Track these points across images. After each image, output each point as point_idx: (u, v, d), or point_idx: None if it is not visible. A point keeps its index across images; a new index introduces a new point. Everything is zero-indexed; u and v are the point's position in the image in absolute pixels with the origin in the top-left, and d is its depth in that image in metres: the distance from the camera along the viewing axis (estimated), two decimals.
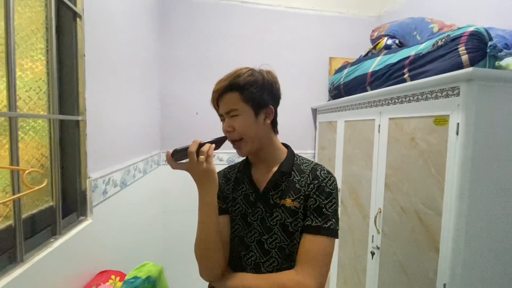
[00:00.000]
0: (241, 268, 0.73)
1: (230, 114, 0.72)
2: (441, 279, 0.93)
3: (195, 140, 0.66)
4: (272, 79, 0.74)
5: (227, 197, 0.78)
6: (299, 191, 0.71)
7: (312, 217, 0.68)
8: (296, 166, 0.76)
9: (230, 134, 0.73)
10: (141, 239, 1.51)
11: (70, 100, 0.86)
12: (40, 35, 0.80)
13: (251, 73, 0.72)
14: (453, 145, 0.90)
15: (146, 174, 1.58)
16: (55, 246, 0.73)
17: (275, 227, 0.71)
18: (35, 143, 0.77)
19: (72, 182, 0.88)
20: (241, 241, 0.74)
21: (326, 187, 0.70)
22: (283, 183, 0.73)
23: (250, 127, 0.71)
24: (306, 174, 0.74)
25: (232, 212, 0.76)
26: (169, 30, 1.98)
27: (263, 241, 0.72)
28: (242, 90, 0.70)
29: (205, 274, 0.71)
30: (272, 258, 0.71)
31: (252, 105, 0.70)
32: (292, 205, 0.70)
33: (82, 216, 0.91)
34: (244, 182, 0.78)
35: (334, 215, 0.69)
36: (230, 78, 0.71)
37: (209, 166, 0.65)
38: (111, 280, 0.90)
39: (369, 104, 1.41)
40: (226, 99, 0.71)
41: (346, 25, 2.19)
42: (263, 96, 0.72)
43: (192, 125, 2.03)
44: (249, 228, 0.73)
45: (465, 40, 0.96)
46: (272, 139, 0.77)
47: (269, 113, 0.74)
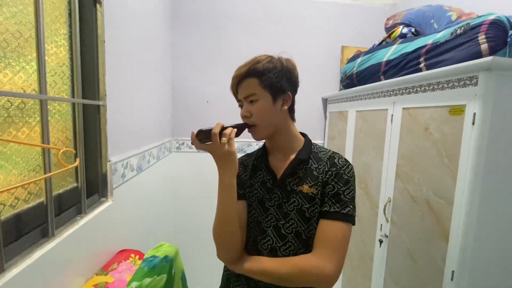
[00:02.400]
0: (257, 252, 0.75)
1: (249, 99, 0.73)
2: (449, 266, 0.95)
3: (218, 123, 0.67)
4: (290, 66, 0.75)
5: (245, 183, 0.80)
6: (317, 178, 0.73)
7: (330, 203, 0.69)
8: (314, 154, 0.77)
9: (247, 120, 0.75)
10: (155, 222, 1.56)
11: (92, 86, 0.89)
12: (63, 20, 0.82)
13: (270, 60, 0.73)
14: (469, 135, 0.90)
15: (159, 160, 1.62)
16: (81, 223, 0.77)
17: (292, 212, 0.72)
18: (60, 126, 0.80)
19: (94, 165, 0.92)
20: (257, 226, 0.76)
21: (344, 174, 0.71)
22: (300, 171, 0.74)
23: (267, 113, 0.73)
24: (323, 161, 0.75)
25: (249, 198, 0.78)
26: (180, 17, 1.97)
27: (280, 226, 0.73)
28: (261, 76, 0.71)
29: (222, 255, 0.73)
30: (288, 242, 0.72)
31: (270, 91, 0.72)
32: (309, 191, 0.72)
33: (103, 198, 0.95)
34: (262, 169, 0.79)
35: (352, 202, 0.70)
36: (250, 65, 0.73)
37: (230, 148, 0.66)
38: (131, 258, 0.95)
39: (382, 94, 1.40)
40: (245, 85, 0.73)
41: (359, 13, 2.14)
42: (281, 83, 0.73)
43: (203, 113, 2.05)
44: (266, 213, 0.75)
45: (485, 28, 0.94)
46: (289, 126, 0.78)
47: (286, 100, 0.75)
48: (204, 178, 2.08)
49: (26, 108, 0.65)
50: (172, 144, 2.03)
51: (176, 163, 2.03)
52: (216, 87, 2.05)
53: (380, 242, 1.34)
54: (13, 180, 0.62)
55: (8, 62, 0.61)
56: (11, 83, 0.61)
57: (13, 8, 0.61)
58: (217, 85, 2.05)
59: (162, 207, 1.74)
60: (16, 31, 0.62)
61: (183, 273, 1.14)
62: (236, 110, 2.26)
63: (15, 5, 0.62)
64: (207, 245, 2.11)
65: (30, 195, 0.66)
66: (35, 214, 0.66)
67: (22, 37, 0.63)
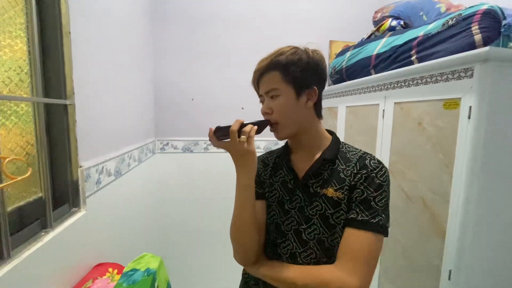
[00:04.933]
0: (276, 256, 0.70)
1: (270, 94, 0.67)
2: (446, 265, 0.92)
3: (237, 120, 0.62)
4: (318, 58, 0.67)
5: (264, 182, 0.75)
6: (344, 181, 0.65)
7: (358, 210, 0.61)
8: (341, 154, 0.69)
9: (268, 117, 0.69)
10: (139, 230, 1.47)
11: (56, 83, 0.79)
12: (19, 8, 0.71)
13: (294, 51, 0.66)
14: (464, 130, 0.86)
15: (141, 162, 1.52)
16: (46, 240, 0.68)
17: (314, 217, 0.66)
18: (18, 129, 0.70)
19: (63, 171, 0.82)
20: (277, 229, 0.70)
21: (376, 178, 0.63)
22: (325, 172, 0.67)
23: (289, 109, 0.66)
24: (352, 163, 0.67)
25: (268, 198, 0.73)
26: (162, 12, 1.86)
27: (301, 230, 0.67)
28: (284, 69, 0.64)
29: (239, 258, 0.69)
30: (310, 249, 0.66)
31: (294, 86, 0.65)
32: (334, 195, 0.64)
33: (74, 208, 0.85)
34: (283, 168, 0.73)
35: (384, 210, 0.62)
36: (272, 57, 0.66)
37: (250, 147, 0.61)
38: (108, 273, 0.86)
39: (373, 89, 1.36)
40: (267, 79, 0.67)
41: (346, 6, 2.10)
42: (307, 76, 0.66)
43: (188, 111, 1.96)
44: (286, 216, 0.69)
45: (478, 18, 0.91)
46: (314, 123, 0.71)
47: (312, 95, 0.67)
48: (192, 180, 2.00)
49: None
50: (155, 145, 1.93)
51: (160, 165, 1.93)
52: (201, 84, 1.96)
53: None
54: None
55: None
56: None
57: None
58: (202, 82, 1.96)
59: (147, 212, 1.64)
60: None
61: (169, 283, 1.06)
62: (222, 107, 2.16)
63: None
64: (199, 249, 2.04)
65: None
66: None
67: None
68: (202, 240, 2.05)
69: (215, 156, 2.01)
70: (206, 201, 2.01)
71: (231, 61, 1.96)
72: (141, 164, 1.52)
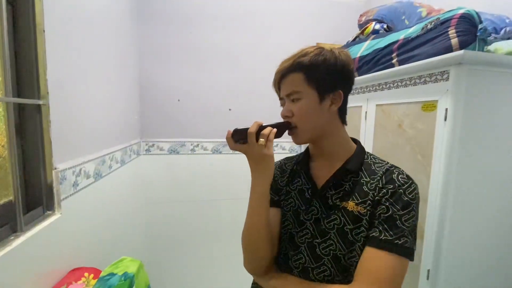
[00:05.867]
0: (287, 269, 0.66)
1: (291, 97, 0.63)
2: (425, 265, 0.94)
3: (256, 121, 0.59)
4: (344, 59, 0.63)
5: (281, 190, 0.71)
6: (367, 195, 0.59)
7: (381, 228, 0.56)
8: (366, 165, 0.64)
9: (288, 120, 0.65)
10: (121, 233, 1.44)
11: (29, 82, 0.77)
12: None
13: (319, 52, 0.61)
14: (441, 131, 0.88)
15: (124, 164, 1.50)
16: (15, 244, 0.65)
17: (331, 231, 0.61)
18: None
19: (36, 173, 0.80)
20: (290, 240, 0.67)
21: (404, 195, 0.57)
22: (347, 183, 0.62)
23: (311, 114, 0.62)
24: (378, 176, 0.61)
25: (284, 206, 0.69)
26: (147, 11, 1.84)
27: (315, 244, 0.62)
28: (308, 70, 0.60)
29: (249, 266, 0.66)
30: (323, 266, 0.61)
31: (318, 88, 0.61)
32: (355, 209, 0.59)
33: (48, 211, 0.83)
34: (301, 176, 0.70)
35: (412, 232, 0.56)
36: (295, 57, 0.62)
37: (268, 151, 0.58)
38: (84, 278, 0.84)
39: (356, 91, 1.37)
40: (289, 80, 0.63)
41: (334, 9, 2.13)
42: (332, 79, 0.61)
43: (174, 112, 1.94)
44: (300, 227, 0.65)
45: (455, 22, 0.93)
46: (338, 129, 0.66)
47: (336, 99, 0.62)
48: (178, 182, 1.97)
49: None
50: (140, 147, 1.90)
51: (145, 167, 1.90)
52: (188, 85, 1.94)
53: None
54: None
55: None
56: None
57: None
58: (189, 82, 1.94)
59: (130, 215, 1.61)
60: None
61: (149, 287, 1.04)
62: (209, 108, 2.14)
63: None
64: (184, 252, 2.01)
65: None
66: None
67: None
68: (188, 243, 2.02)
69: (202, 158, 1.99)
70: (192, 203, 1.99)
71: (218, 61, 1.95)
72: (124, 166, 1.49)
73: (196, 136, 1.96)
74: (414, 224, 0.57)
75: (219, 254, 1.98)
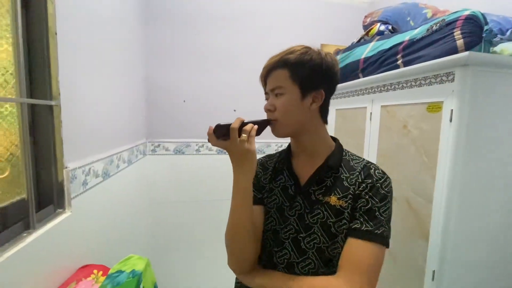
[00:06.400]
0: (272, 265, 0.67)
1: (275, 91, 0.66)
2: (430, 266, 0.94)
3: (238, 118, 0.60)
4: (330, 61, 0.65)
5: (264, 187, 0.72)
6: (347, 190, 0.63)
7: (362, 220, 0.60)
8: (345, 162, 0.68)
9: (270, 114, 0.67)
10: (128, 231, 1.46)
11: (42, 83, 0.79)
12: (4, 9, 0.71)
13: (306, 51, 0.64)
14: (446, 132, 0.88)
15: (131, 164, 1.52)
16: (28, 241, 0.67)
17: (315, 225, 0.63)
18: (2, 130, 0.70)
19: (48, 172, 0.82)
20: (274, 236, 0.68)
21: (381, 189, 0.62)
22: (328, 179, 0.65)
23: (292, 109, 0.65)
24: (356, 171, 0.65)
25: (267, 204, 0.70)
26: (154, 13, 1.87)
27: (300, 239, 0.64)
28: (293, 67, 0.63)
29: (233, 265, 0.66)
30: (308, 259, 0.64)
31: (300, 86, 0.63)
32: (337, 203, 0.63)
33: (59, 209, 0.85)
34: (284, 173, 0.71)
35: (388, 222, 0.61)
36: (283, 54, 0.65)
37: (250, 146, 0.59)
38: (93, 275, 0.86)
39: (361, 92, 1.38)
40: (274, 76, 0.66)
41: (338, 10, 2.14)
42: (315, 78, 0.64)
43: (179, 113, 1.96)
44: (285, 223, 0.67)
45: (461, 24, 0.93)
46: (318, 127, 0.68)
47: (318, 97, 0.65)
48: (183, 182, 1.99)
49: None
50: (146, 147, 1.92)
51: (151, 167, 1.92)
52: (193, 86, 1.96)
53: None
54: None
55: None
56: None
57: None
58: (194, 83, 1.96)
59: (136, 214, 1.63)
60: None
61: (155, 285, 1.06)
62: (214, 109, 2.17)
63: None
64: (189, 252, 2.03)
65: None
66: None
67: None
68: (192, 243, 2.04)
69: (207, 158, 2.01)
70: (197, 203, 2.01)
71: (222, 62, 1.97)
72: (130, 165, 1.51)
73: (201, 137, 1.98)
74: (390, 215, 0.62)
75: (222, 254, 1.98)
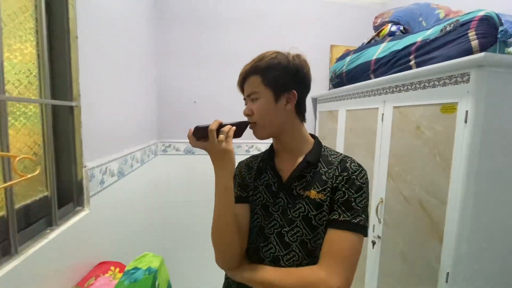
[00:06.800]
0: (259, 260, 0.70)
1: (251, 97, 0.70)
2: (444, 268, 0.93)
3: (216, 120, 0.64)
4: (298, 62, 0.70)
5: (248, 186, 0.75)
6: (326, 183, 0.67)
7: (340, 211, 0.64)
8: (323, 157, 0.72)
9: (249, 118, 0.71)
10: (140, 230, 1.49)
11: (63, 85, 0.82)
12: (28, 13, 0.74)
13: (274, 56, 0.68)
14: (461, 134, 0.88)
15: (143, 164, 1.55)
16: (51, 237, 0.70)
17: (297, 219, 0.67)
18: (26, 130, 0.72)
19: (68, 171, 0.84)
20: (260, 232, 0.71)
21: (357, 180, 0.65)
22: (308, 174, 0.69)
23: (268, 111, 0.69)
24: (334, 166, 0.69)
25: (252, 202, 0.74)
26: (165, 15, 1.90)
27: (284, 233, 0.68)
28: (263, 73, 0.68)
29: (221, 262, 0.69)
30: (292, 252, 0.67)
31: (273, 89, 0.67)
32: (317, 197, 0.66)
33: (78, 207, 0.87)
34: (267, 171, 0.75)
35: (364, 211, 0.64)
36: (254, 62, 0.70)
37: (228, 146, 0.62)
38: (110, 272, 0.88)
39: (372, 93, 1.38)
40: (249, 82, 0.70)
41: (348, 11, 2.13)
42: (285, 80, 0.68)
43: (190, 114, 1.99)
44: (269, 219, 0.70)
45: (475, 25, 0.93)
46: (296, 126, 0.73)
47: (291, 98, 0.69)
48: (192, 182, 2.01)
49: None
50: (158, 147, 1.95)
51: (162, 167, 1.95)
52: (204, 87, 1.98)
53: (373, 243, 1.31)
54: None
55: None
56: None
57: None
58: (205, 84, 1.98)
59: (148, 213, 1.66)
60: None
61: (169, 283, 1.08)
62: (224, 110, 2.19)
63: None
64: (199, 251, 2.05)
65: None
66: None
67: None
68: (202, 242, 2.05)
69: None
70: (207, 203, 2.02)
71: (233, 64, 1.98)
72: (143, 165, 1.54)
73: None
74: (366, 204, 0.65)
75: None
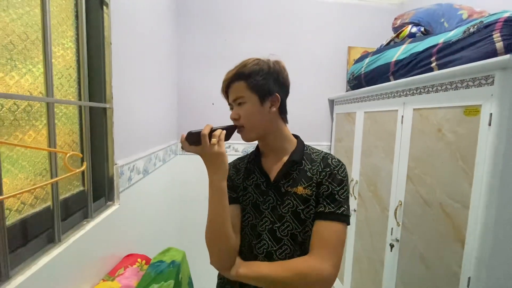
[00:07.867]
0: (252, 257, 0.73)
1: (237, 102, 0.74)
2: (465, 272, 0.92)
3: (207, 124, 0.67)
4: (278, 68, 0.75)
5: (238, 187, 0.79)
6: (311, 179, 0.72)
7: (325, 203, 0.69)
8: (307, 155, 0.77)
9: (236, 122, 0.75)
10: (161, 226, 1.55)
11: (98, 88, 0.88)
12: (69, 22, 0.81)
13: (256, 63, 0.73)
14: (485, 137, 0.87)
15: (165, 163, 1.61)
16: (88, 228, 0.76)
17: (287, 215, 0.72)
18: (67, 129, 0.79)
19: (101, 168, 0.91)
20: (252, 230, 0.75)
21: (338, 175, 0.71)
22: (294, 172, 0.74)
23: (255, 115, 0.73)
24: (317, 162, 0.75)
25: (243, 202, 0.77)
26: (185, 19, 1.97)
27: (275, 229, 0.72)
28: (248, 78, 0.72)
29: (215, 262, 0.70)
30: (284, 245, 0.72)
31: (257, 93, 0.72)
32: (303, 192, 0.71)
33: (109, 201, 0.93)
34: (255, 171, 0.79)
35: (346, 202, 0.70)
36: (237, 68, 0.74)
37: (220, 149, 0.66)
38: (137, 263, 0.93)
39: (391, 95, 1.37)
40: (234, 88, 0.74)
41: (366, 13, 2.12)
42: (268, 84, 0.72)
43: (208, 115, 2.04)
44: (260, 216, 0.74)
45: (500, 26, 0.91)
46: (280, 127, 0.77)
47: (274, 101, 0.74)
48: None
49: (33, 111, 0.64)
50: (177, 147, 2.02)
51: (181, 166, 2.02)
52: None
53: (391, 246, 1.31)
54: (19, 184, 0.61)
55: (14, 64, 0.60)
56: (18, 86, 0.60)
57: (19, 10, 0.61)
58: None
59: (168, 210, 1.73)
60: (23, 33, 0.61)
61: (190, 277, 1.12)
62: None
63: (21, 7, 0.61)
64: None
65: (36, 199, 0.65)
66: (41, 219, 0.64)
67: (28, 39, 0.62)
68: None
69: (233, 159, 2.07)
70: None
71: None
72: (165, 164, 1.61)
73: None
74: (347, 196, 0.71)
75: None
